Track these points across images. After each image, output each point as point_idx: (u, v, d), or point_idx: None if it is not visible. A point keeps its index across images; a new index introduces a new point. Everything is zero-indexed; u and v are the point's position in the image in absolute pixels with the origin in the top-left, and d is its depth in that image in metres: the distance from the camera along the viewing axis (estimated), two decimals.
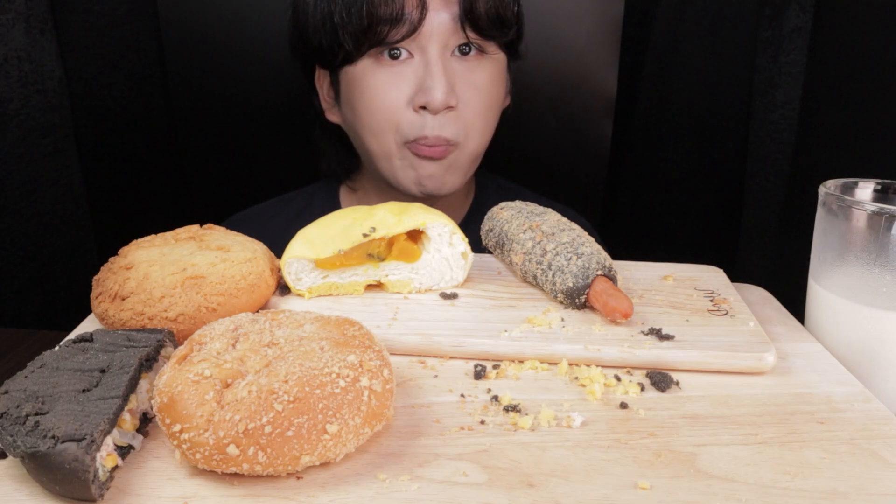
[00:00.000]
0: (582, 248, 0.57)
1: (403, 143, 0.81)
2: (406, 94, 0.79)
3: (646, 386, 0.48)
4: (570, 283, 0.55)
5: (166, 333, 0.47)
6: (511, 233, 0.62)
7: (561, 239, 0.58)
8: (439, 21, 0.77)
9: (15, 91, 0.99)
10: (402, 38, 0.77)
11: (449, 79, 0.79)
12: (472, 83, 0.81)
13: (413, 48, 0.79)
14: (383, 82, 0.80)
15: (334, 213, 0.61)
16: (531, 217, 0.63)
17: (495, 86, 0.84)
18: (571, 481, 0.38)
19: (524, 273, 0.60)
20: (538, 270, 0.58)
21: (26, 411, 0.37)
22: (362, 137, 0.84)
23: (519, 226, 0.62)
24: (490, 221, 0.67)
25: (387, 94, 0.80)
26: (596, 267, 0.55)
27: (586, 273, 0.55)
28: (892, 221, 0.51)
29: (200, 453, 0.37)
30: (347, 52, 0.80)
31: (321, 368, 0.39)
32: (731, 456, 0.41)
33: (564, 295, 0.56)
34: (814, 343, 0.56)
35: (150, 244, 0.57)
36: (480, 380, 0.49)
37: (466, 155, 0.84)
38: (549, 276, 0.57)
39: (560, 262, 0.56)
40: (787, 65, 1.01)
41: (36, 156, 1.03)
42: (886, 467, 0.40)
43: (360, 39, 0.78)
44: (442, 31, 0.78)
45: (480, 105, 0.82)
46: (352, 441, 0.39)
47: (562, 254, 0.57)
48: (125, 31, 1.14)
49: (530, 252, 0.59)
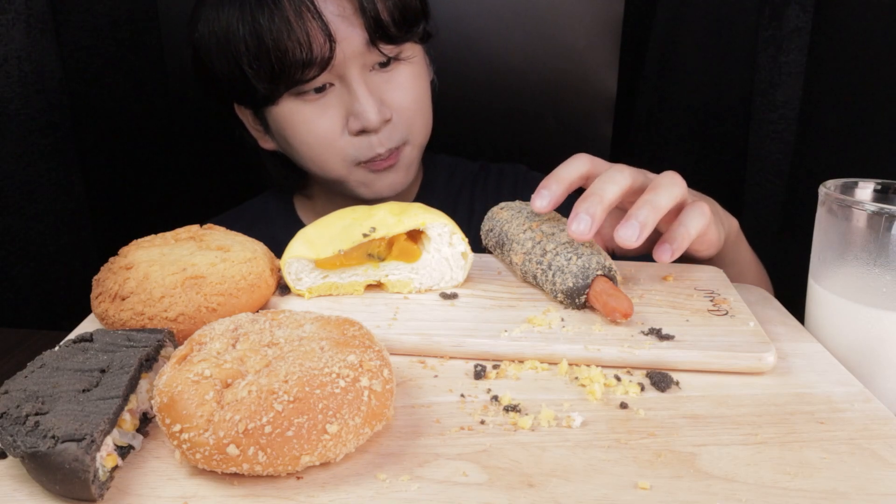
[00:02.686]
0: (581, 248, 0.57)
1: (355, 164, 0.81)
2: (338, 124, 0.79)
3: (646, 386, 0.48)
4: (570, 283, 0.55)
5: (166, 333, 0.47)
6: (511, 233, 0.63)
7: (560, 239, 0.59)
8: (351, 48, 0.76)
9: (15, 91, 0.99)
10: (316, 74, 0.76)
11: (376, 96, 0.78)
12: (399, 88, 0.81)
13: (331, 78, 0.78)
14: (313, 117, 0.79)
15: (334, 213, 0.61)
16: (531, 217, 0.63)
17: (420, 79, 0.84)
18: (571, 481, 0.38)
19: (524, 273, 0.61)
20: (538, 270, 0.58)
21: (26, 411, 0.37)
22: (307, 167, 0.84)
23: (519, 226, 0.63)
24: (490, 221, 0.67)
25: (319, 127, 0.79)
26: (596, 267, 0.56)
27: (586, 273, 0.55)
28: (892, 221, 0.51)
29: (200, 453, 0.37)
30: (265, 96, 0.79)
31: (321, 368, 0.39)
32: (731, 456, 0.41)
33: (564, 295, 0.56)
34: (814, 343, 0.56)
35: (150, 244, 0.57)
36: (480, 380, 0.49)
37: (416, 148, 0.85)
38: (549, 276, 0.57)
39: (560, 263, 0.57)
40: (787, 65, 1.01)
41: (36, 156, 1.03)
42: (886, 467, 0.40)
43: (274, 82, 0.76)
44: (356, 56, 0.77)
45: (414, 105, 0.83)
46: (352, 441, 0.39)
47: (561, 254, 0.57)
48: (125, 31, 1.14)
49: (530, 252, 0.59)
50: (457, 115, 1.08)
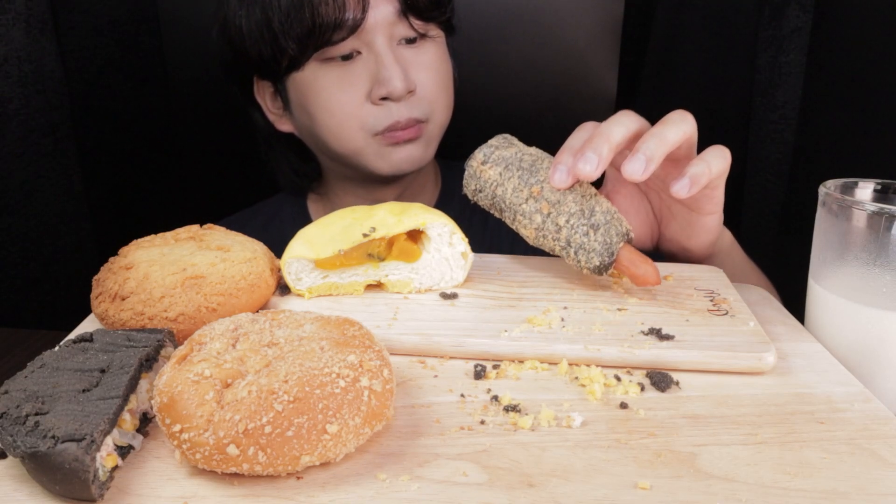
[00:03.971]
0: (594, 217, 0.56)
1: (373, 135, 0.81)
2: (362, 92, 0.79)
3: (646, 386, 0.48)
4: (596, 262, 0.56)
5: (166, 333, 0.47)
6: (509, 200, 0.59)
7: (570, 209, 0.57)
8: (382, 16, 0.78)
9: (15, 91, 1.00)
10: (346, 37, 0.77)
11: (402, 66, 0.79)
12: (425, 65, 0.82)
13: (359, 45, 0.79)
14: (338, 82, 0.79)
15: (334, 213, 0.61)
16: (523, 177, 0.59)
17: (445, 63, 0.86)
18: (571, 481, 0.38)
19: (539, 245, 0.60)
20: (556, 246, 0.58)
21: (26, 411, 0.37)
22: (324, 140, 0.84)
23: (515, 191, 0.59)
24: (476, 181, 0.61)
25: (343, 92, 0.79)
26: (617, 239, 0.56)
27: (610, 250, 0.56)
28: (892, 221, 0.51)
29: (200, 453, 0.37)
30: (292, 59, 0.79)
31: (321, 368, 0.39)
32: (731, 456, 0.41)
33: (591, 271, 0.57)
34: (814, 343, 0.56)
35: (150, 244, 0.57)
36: (480, 380, 0.49)
37: (437, 126, 0.86)
38: (572, 254, 0.57)
39: (579, 239, 0.56)
40: (787, 65, 1.01)
41: (36, 156, 1.03)
42: (886, 467, 0.40)
43: (304, 43, 0.77)
44: (386, 25, 0.78)
45: (437, 83, 0.83)
46: (352, 441, 0.39)
47: (577, 228, 0.56)
48: (125, 31, 1.14)
49: (542, 227, 0.58)
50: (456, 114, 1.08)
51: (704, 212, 0.64)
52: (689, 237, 0.67)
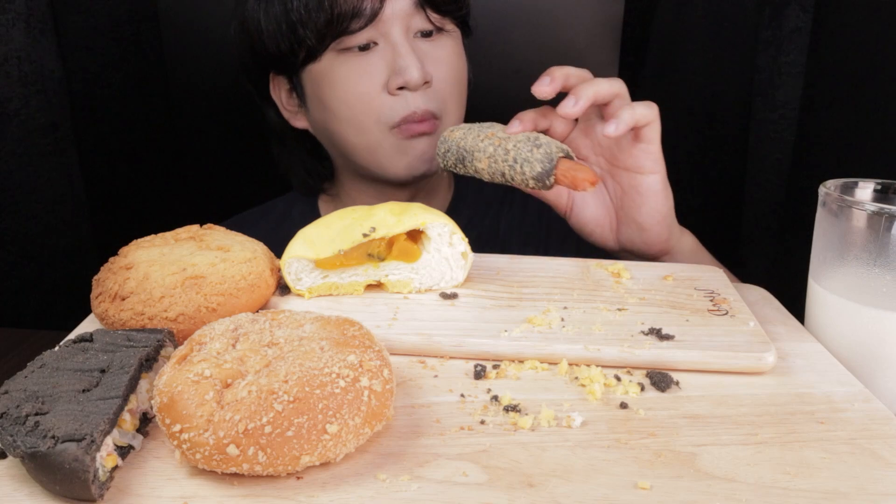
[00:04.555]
0: (538, 140, 0.64)
1: (389, 128, 0.81)
2: (379, 81, 0.80)
3: (646, 386, 0.48)
4: (538, 169, 0.63)
5: (166, 333, 0.47)
6: (469, 146, 0.68)
7: (518, 138, 0.65)
8: (400, 5, 0.78)
9: (15, 91, 1.00)
10: (364, 26, 0.77)
11: (419, 56, 0.79)
12: (440, 60, 0.82)
13: (376, 36, 0.79)
14: (354, 72, 0.80)
15: (334, 213, 0.61)
16: (483, 129, 0.69)
17: (460, 59, 0.86)
18: (571, 481, 0.38)
19: (492, 175, 0.67)
20: (505, 167, 0.65)
21: (26, 411, 0.37)
22: (340, 133, 0.84)
23: (475, 138, 0.68)
24: (445, 144, 0.71)
25: (359, 83, 0.80)
26: (556, 151, 0.63)
27: (550, 157, 0.63)
28: (892, 221, 0.51)
29: (200, 453, 0.37)
30: (310, 49, 0.80)
31: (321, 368, 0.39)
32: (731, 456, 0.41)
33: (535, 180, 0.63)
34: (814, 343, 0.56)
35: (150, 244, 0.57)
36: (480, 380, 0.49)
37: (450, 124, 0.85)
38: (518, 168, 0.64)
39: (524, 155, 0.64)
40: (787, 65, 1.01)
41: (36, 156, 1.03)
42: (886, 467, 0.40)
43: (321, 33, 0.78)
44: (403, 15, 0.79)
45: (452, 78, 0.84)
46: (352, 441, 0.39)
47: (523, 148, 0.64)
48: (125, 31, 1.14)
49: (493, 155, 0.66)
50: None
51: (645, 170, 0.70)
52: (640, 207, 0.71)
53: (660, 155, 0.70)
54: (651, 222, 0.72)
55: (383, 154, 0.83)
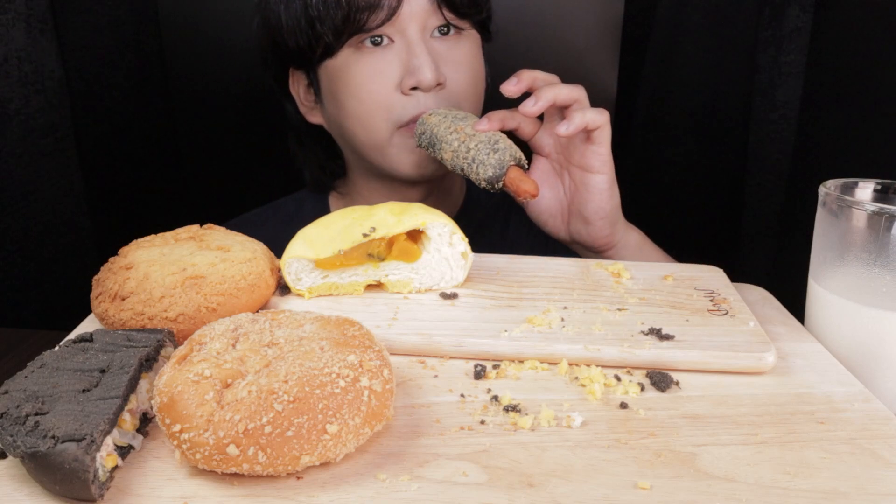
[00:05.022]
0: (497, 144, 0.70)
1: (398, 127, 0.81)
2: (393, 79, 0.80)
3: (646, 386, 0.48)
4: (490, 173, 0.69)
5: (166, 333, 0.47)
6: (440, 135, 0.73)
7: (480, 139, 0.71)
8: (417, 4, 0.78)
9: (15, 91, 0.99)
10: (381, 23, 0.77)
11: (433, 58, 0.79)
12: (455, 61, 0.82)
13: (392, 33, 0.79)
14: (368, 69, 0.80)
15: (334, 213, 0.61)
16: (455, 121, 0.74)
17: (476, 61, 0.86)
18: (571, 481, 0.38)
19: (452, 167, 0.73)
20: (464, 164, 0.71)
21: (26, 411, 0.37)
22: (351, 130, 0.84)
23: (446, 129, 0.73)
24: (422, 126, 0.76)
25: (373, 80, 0.80)
26: (509, 159, 0.69)
27: (502, 164, 0.69)
28: (892, 221, 0.51)
29: (200, 453, 0.37)
30: (327, 45, 0.80)
31: (321, 368, 0.39)
32: (731, 456, 0.41)
33: (486, 182, 0.70)
34: (814, 343, 0.56)
35: (150, 244, 0.57)
36: (480, 380, 0.49)
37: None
38: (474, 168, 0.70)
39: (481, 157, 0.69)
40: (787, 65, 1.01)
41: (36, 156, 1.03)
42: (886, 467, 0.40)
43: (339, 29, 0.78)
44: (420, 13, 0.79)
45: (467, 80, 0.83)
46: (352, 441, 0.39)
47: (482, 150, 0.70)
48: (125, 31, 1.14)
49: (457, 150, 0.71)
50: None
51: (594, 169, 0.75)
52: (587, 203, 0.76)
53: (608, 157, 0.75)
54: (595, 217, 0.76)
55: (391, 152, 0.83)
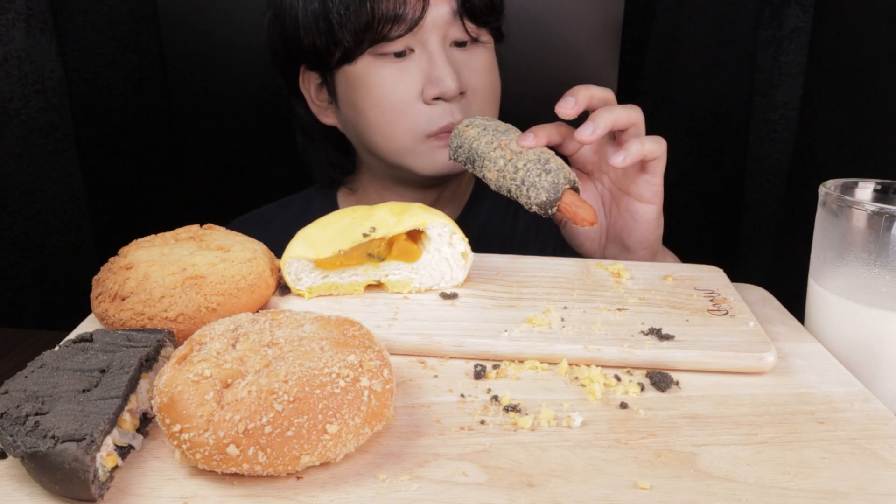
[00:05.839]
0: (548, 164, 0.65)
1: (425, 136, 0.81)
2: (415, 90, 0.79)
3: (646, 386, 0.48)
4: (543, 198, 0.64)
5: (166, 333, 0.47)
6: (481, 150, 0.68)
7: (529, 157, 0.66)
8: (439, 15, 0.78)
9: (15, 91, 0.99)
10: (403, 33, 0.77)
11: (454, 67, 0.79)
12: (474, 70, 0.82)
13: (414, 43, 0.79)
14: (390, 79, 0.79)
15: (334, 213, 0.61)
16: (497, 135, 0.69)
17: (494, 69, 0.86)
18: (571, 481, 0.38)
19: (498, 188, 0.68)
20: (512, 185, 0.66)
21: (26, 411, 0.37)
22: (370, 137, 0.84)
23: (488, 143, 0.68)
24: (458, 139, 0.71)
25: (395, 90, 0.79)
26: (563, 182, 0.64)
27: (556, 188, 0.64)
28: (892, 221, 0.51)
29: (200, 453, 0.37)
30: (346, 51, 0.79)
31: (321, 368, 0.39)
32: (731, 456, 0.41)
33: (539, 207, 0.64)
34: (814, 343, 0.56)
35: (150, 244, 0.57)
36: (480, 380, 0.49)
37: None
38: (524, 191, 0.65)
39: (532, 179, 0.64)
40: (787, 65, 1.01)
41: (36, 156, 1.03)
42: (886, 467, 0.40)
43: (359, 37, 0.77)
44: (441, 25, 0.79)
45: (486, 89, 0.84)
46: (352, 441, 0.39)
47: (532, 171, 0.64)
48: (125, 31, 1.14)
49: (503, 170, 0.66)
50: None
51: (644, 199, 0.71)
52: (631, 231, 0.73)
53: (660, 188, 0.71)
54: (638, 247, 0.74)
55: (411, 157, 0.83)
